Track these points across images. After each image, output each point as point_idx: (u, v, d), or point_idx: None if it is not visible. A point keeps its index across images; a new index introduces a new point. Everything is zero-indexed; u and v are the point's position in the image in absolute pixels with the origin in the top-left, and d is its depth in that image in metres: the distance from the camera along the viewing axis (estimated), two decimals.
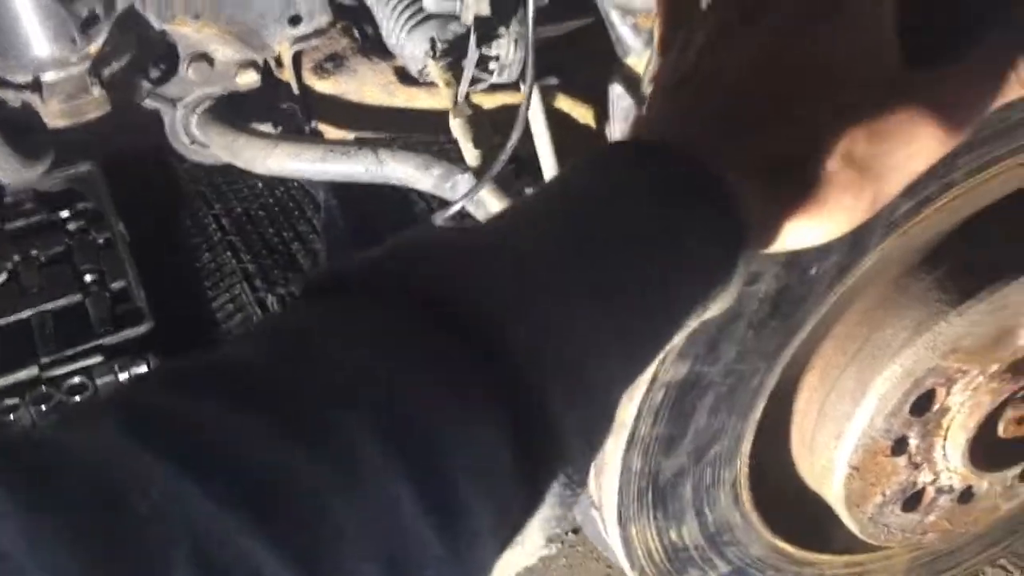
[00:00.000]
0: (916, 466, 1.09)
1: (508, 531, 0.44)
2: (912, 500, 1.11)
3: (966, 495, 1.14)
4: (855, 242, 0.96)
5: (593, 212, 0.50)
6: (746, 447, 1.07)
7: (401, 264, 0.46)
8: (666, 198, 0.51)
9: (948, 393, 1.04)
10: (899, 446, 1.06)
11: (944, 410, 1.05)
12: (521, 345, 0.43)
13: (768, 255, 0.55)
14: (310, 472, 0.36)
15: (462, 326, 0.42)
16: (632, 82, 1.56)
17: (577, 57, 1.73)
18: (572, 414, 0.44)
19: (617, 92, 1.56)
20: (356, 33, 1.88)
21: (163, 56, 1.79)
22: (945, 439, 1.07)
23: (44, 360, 2.14)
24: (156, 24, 1.58)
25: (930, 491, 1.12)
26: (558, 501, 0.45)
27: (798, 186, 0.52)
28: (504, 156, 1.45)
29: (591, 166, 0.54)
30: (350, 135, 1.91)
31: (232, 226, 2.68)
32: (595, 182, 0.52)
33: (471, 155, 1.50)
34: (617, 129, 1.56)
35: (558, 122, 1.66)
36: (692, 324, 0.52)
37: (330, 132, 1.92)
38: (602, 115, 1.69)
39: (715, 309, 0.53)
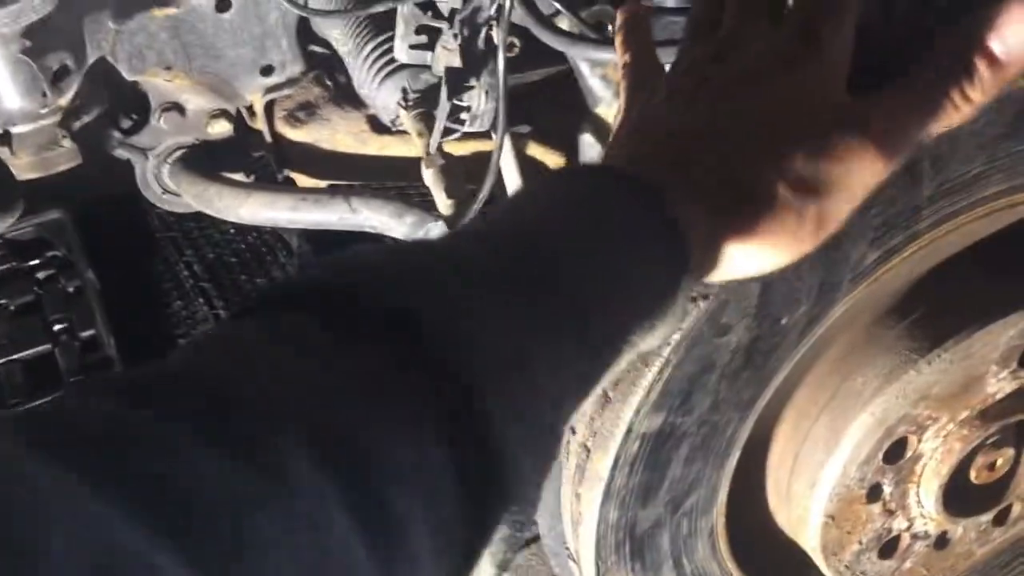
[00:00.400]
0: (891, 513, 1.09)
1: (455, 558, 0.42)
2: (888, 547, 1.12)
3: (941, 541, 1.15)
4: (824, 291, 0.97)
5: (538, 238, 0.51)
6: (722, 497, 1.07)
7: (348, 279, 0.45)
8: (611, 224, 0.52)
9: (920, 440, 1.05)
10: (873, 493, 1.06)
11: (917, 457, 1.06)
12: (466, 367, 0.42)
13: (740, 308, 0.56)
14: (232, 483, 0.34)
15: (407, 345, 0.42)
16: (602, 131, 1.58)
17: (548, 105, 1.75)
18: (516, 434, 0.43)
19: (587, 141, 1.58)
20: (328, 82, 1.89)
21: (134, 106, 1.79)
22: (919, 486, 1.08)
23: (12, 404, 2.11)
24: (127, 76, 1.58)
25: (905, 537, 1.12)
26: (505, 546, 0.44)
27: (743, 213, 0.53)
28: (477, 206, 1.46)
29: (543, 190, 0.56)
30: (323, 183, 1.92)
31: (204, 272, 2.66)
32: (543, 208, 0.53)
33: (444, 204, 1.51)
34: None
35: (530, 169, 1.67)
36: (637, 347, 0.52)
37: (303, 180, 1.92)
38: (574, 163, 1.70)
39: (659, 335, 0.53)
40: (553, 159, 1.83)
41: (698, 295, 0.92)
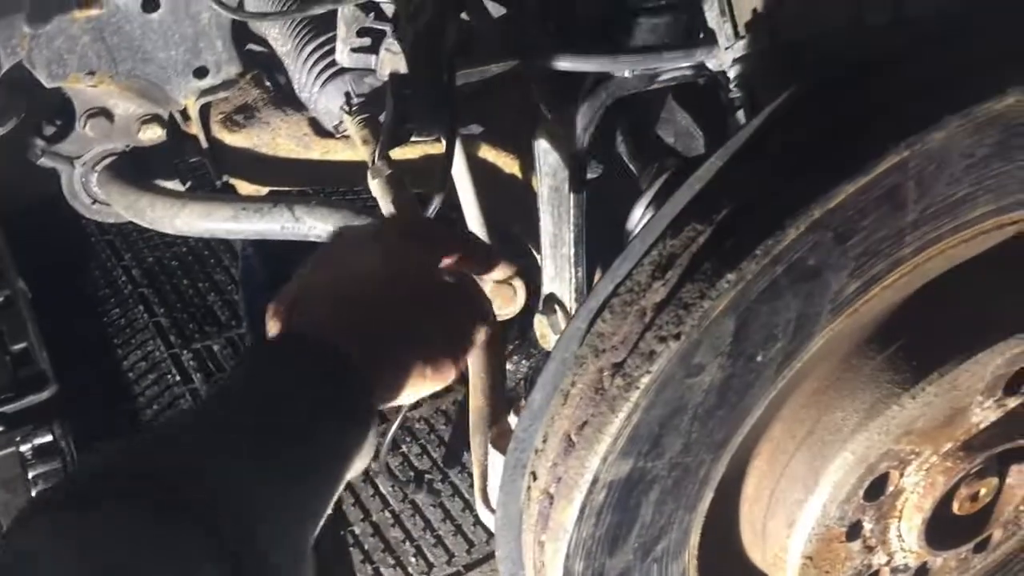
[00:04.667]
0: (870, 549, 1.03)
1: None
2: None
3: (921, 572, 1.09)
4: (802, 325, 0.90)
5: (266, 414, 0.71)
6: (694, 539, 1.00)
7: (135, 469, 0.64)
8: (312, 389, 0.73)
9: (902, 475, 0.99)
10: (853, 531, 1.00)
11: (898, 492, 1.00)
12: (234, 524, 0.61)
13: (714, 346, 0.84)
14: None
15: (196, 522, 0.59)
16: (558, 137, 1.50)
17: (498, 104, 1.67)
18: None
19: (543, 147, 1.49)
20: (268, 83, 1.79)
21: (58, 112, 1.67)
22: (900, 520, 1.02)
23: None
24: (47, 83, 1.47)
25: (885, 572, 1.07)
26: None
27: (403, 362, 0.79)
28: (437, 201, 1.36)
29: (261, 366, 0.76)
30: (264, 190, 1.82)
31: (143, 277, 2.54)
32: (262, 386, 0.73)
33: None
34: (544, 185, 1.49)
35: (482, 174, 1.59)
36: (348, 476, 0.74)
37: (243, 187, 1.82)
38: (527, 164, 1.62)
39: (362, 462, 0.75)
40: (505, 160, 1.74)
41: (668, 335, 0.85)
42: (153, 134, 1.71)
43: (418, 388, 0.79)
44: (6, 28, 1.39)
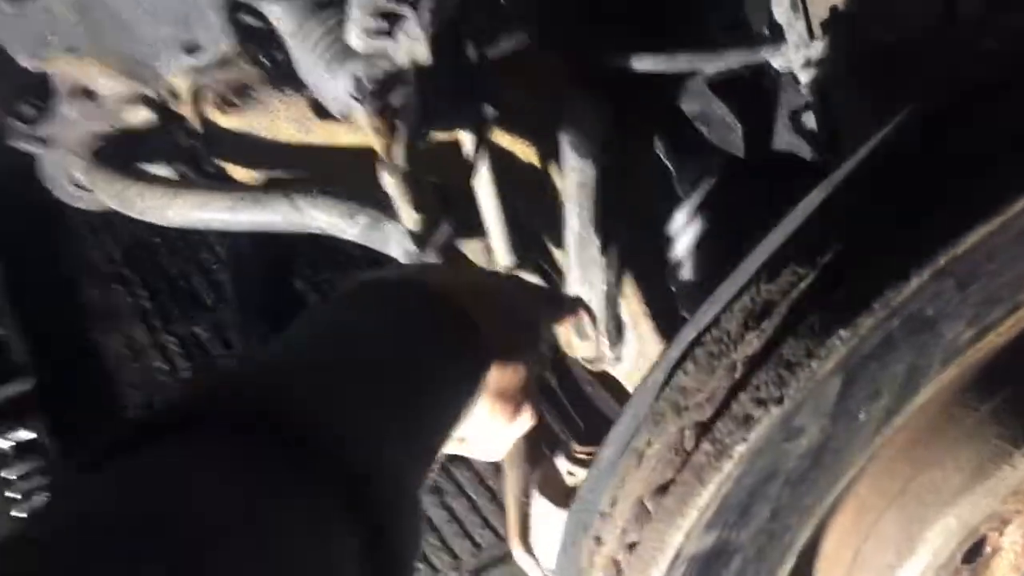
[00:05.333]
0: None
1: None
2: None
3: None
4: (911, 378, 0.79)
5: (391, 355, 0.67)
6: None
7: (256, 395, 0.55)
8: (435, 335, 0.71)
9: (1001, 534, 0.90)
10: None
11: (995, 551, 0.91)
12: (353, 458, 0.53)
13: (817, 407, 0.75)
14: None
15: (322, 464, 0.51)
16: (587, 126, 1.38)
17: (516, 85, 1.54)
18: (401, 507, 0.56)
19: (570, 138, 1.38)
20: (266, 60, 1.63)
21: (38, 91, 1.53)
22: None
23: None
24: (27, 65, 1.32)
25: None
26: None
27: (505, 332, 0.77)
28: (447, 228, 1.25)
29: (382, 308, 0.72)
30: (262, 177, 1.68)
31: (124, 258, 2.40)
32: (388, 327, 0.70)
33: (410, 219, 1.29)
34: (570, 180, 1.37)
35: (500, 163, 1.46)
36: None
37: (237, 172, 1.68)
38: (546, 153, 1.49)
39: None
40: (522, 149, 1.62)
41: (768, 399, 0.74)
42: (140, 116, 1.57)
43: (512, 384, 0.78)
44: None
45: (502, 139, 1.61)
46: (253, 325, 1.95)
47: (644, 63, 1.04)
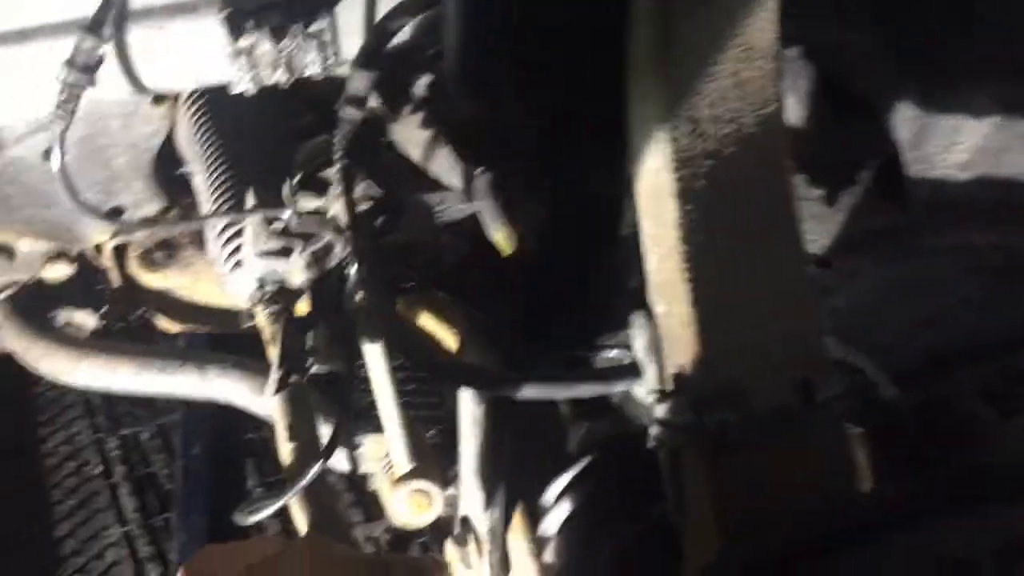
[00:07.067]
0: None
1: None
2: None
3: None
4: None
5: None
6: None
7: None
8: None
9: None
10: None
11: None
12: None
13: None
14: None
15: None
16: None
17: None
18: None
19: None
20: (195, 214, 1.63)
21: None
22: None
23: None
24: None
25: None
26: None
27: None
28: (317, 469, 1.22)
29: None
30: (181, 329, 1.68)
31: None
32: None
33: (284, 448, 1.26)
34: (467, 401, 1.35)
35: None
36: None
37: (162, 322, 1.68)
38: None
39: None
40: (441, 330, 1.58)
41: None
42: (60, 271, 1.57)
43: None
44: None
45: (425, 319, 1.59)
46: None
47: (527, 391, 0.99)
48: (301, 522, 1.20)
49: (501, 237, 1.19)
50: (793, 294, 0.89)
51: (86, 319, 1.65)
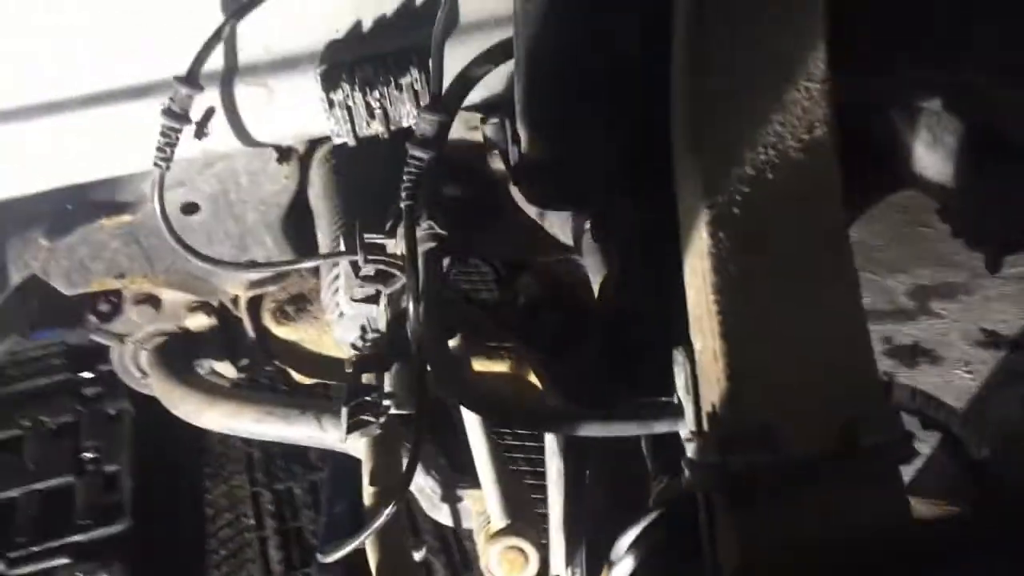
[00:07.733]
0: None
1: None
2: None
3: None
4: None
5: None
6: None
7: None
8: None
9: None
10: None
11: None
12: None
13: None
14: None
15: None
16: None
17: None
18: None
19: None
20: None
21: (111, 291, 1.67)
22: None
23: (11, 555, 2.05)
24: (65, 292, 1.45)
25: None
26: None
27: None
28: (391, 509, 1.22)
29: None
30: (310, 380, 1.75)
31: None
32: None
33: (366, 492, 1.28)
34: (552, 466, 1.32)
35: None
36: None
37: (293, 374, 1.76)
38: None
39: None
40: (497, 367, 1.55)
41: None
42: (201, 321, 1.68)
43: None
44: (22, 244, 1.38)
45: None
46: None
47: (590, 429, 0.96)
48: (372, 561, 1.20)
49: (600, 285, 1.17)
50: (842, 331, 0.82)
51: (227, 369, 1.75)
